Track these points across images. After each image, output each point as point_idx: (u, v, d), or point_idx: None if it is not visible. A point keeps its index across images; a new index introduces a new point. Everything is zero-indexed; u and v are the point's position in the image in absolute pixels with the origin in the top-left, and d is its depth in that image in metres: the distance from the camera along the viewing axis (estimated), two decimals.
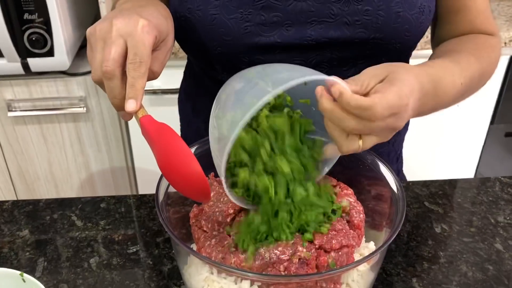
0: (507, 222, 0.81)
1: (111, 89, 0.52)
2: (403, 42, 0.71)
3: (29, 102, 1.49)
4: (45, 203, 0.84)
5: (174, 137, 0.53)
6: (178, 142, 0.53)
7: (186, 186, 0.54)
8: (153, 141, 0.53)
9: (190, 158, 0.53)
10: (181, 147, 0.52)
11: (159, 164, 0.53)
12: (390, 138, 0.87)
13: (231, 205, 0.62)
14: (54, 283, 0.69)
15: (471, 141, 1.73)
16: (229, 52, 0.71)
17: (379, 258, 0.59)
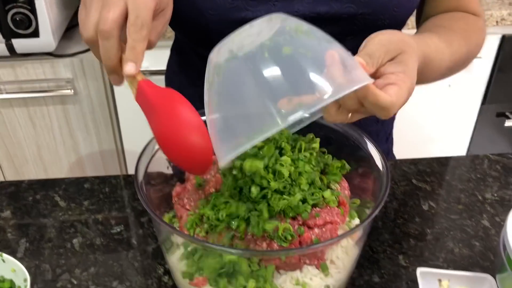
0: (495, 199, 0.80)
1: (106, 49, 0.50)
2: (392, 18, 0.70)
3: (15, 85, 1.46)
4: (28, 184, 0.83)
5: (182, 102, 0.50)
6: (187, 108, 0.50)
7: (187, 157, 0.51)
8: (154, 106, 0.50)
9: (202, 129, 0.49)
10: (190, 114, 0.50)
11: (158, 132, 0.50)
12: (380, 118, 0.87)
13: (212, 184, 0.61)
14: (36, 264, 0.68)
15: (462, 121, 1.72)
16: (215, 28, 0.69)
17: (363, 233, 0.58)
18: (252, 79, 0.45)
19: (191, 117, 0.50)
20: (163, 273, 0.67)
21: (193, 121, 0.50)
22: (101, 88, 1.50)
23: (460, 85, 1.63)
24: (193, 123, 0.50)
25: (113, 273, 0.67)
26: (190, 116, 0.50)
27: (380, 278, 0.67)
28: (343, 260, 0.58)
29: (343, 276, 0.58)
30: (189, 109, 0.51)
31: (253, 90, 0.45)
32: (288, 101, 0.43)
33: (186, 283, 0.56)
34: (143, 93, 0.51)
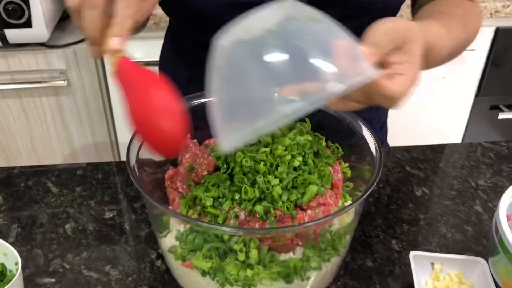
0: (488, 186, 0.81)
1: (90, 19, 0.49)
2: (385, 2, 0.70)
3: (8, 75, 1.45)
4: (20, 170, 0.82)
5: (163, 85, 0.49)
6: (168, 92, 0.49)
7: (156, 139, 0.50)
8: (133, 85, 0.49)
9: (175, 112, 0.49)
10: (170, 98, 0.49)
11: (132, 110, 0.50)
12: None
13: (205, 167, 0.60)
14: (28, 249, 0.68)
15: (456, 113, 1.73)
16: (209, 10, 0.69)
17: (355, 216, 0.58)
18: (257, 65, 0.45)
19: (165, 101, 0.49)
20: (156, 257, 0.67)
21: (166, 106, 0.49)
22: (95, 79, 1.49)
23: (454, 77, 1.63)
24: (166, 107, 0.49)
25: (105, 258, 0.67)
26: (164, 100, 0.49)
27: (373, 262, 0.67)
28: None
29: (336, 259, 0.58)
30: (165, 93, 0.50)
31: (258, 76, 0.45)
32: (293, 89, 0.43)
33: (179, 265, 0.56)
34: (123, 70, 0.50)
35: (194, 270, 0.55)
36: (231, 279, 0.52)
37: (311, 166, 0.57)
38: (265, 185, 0.54)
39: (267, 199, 0.54)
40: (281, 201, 0.54)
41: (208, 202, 0.54)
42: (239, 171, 0.56)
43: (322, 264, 0.56)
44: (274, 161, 0.56)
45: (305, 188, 0.55)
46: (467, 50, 1.64)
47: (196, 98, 0.68)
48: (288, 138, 0.58)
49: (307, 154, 0.58)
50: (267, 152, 0.57)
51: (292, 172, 0.55)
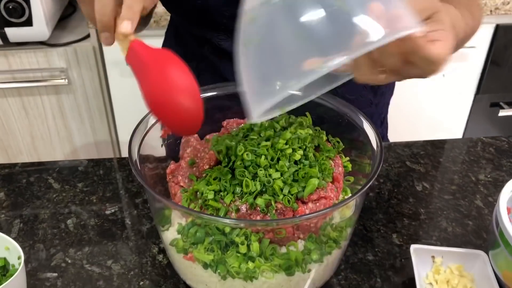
0: (488, 180, 0.81)
1: (102, 4, 0.49)
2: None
3: (8, 74, 1.46)
4: (21, 166, 0.82)
5: (176, 62, 0.49)
6: (181, 68, 0.49)
7: (175, 117, 0.50)
8: (148, 66, 0.49)
9: (193, 89, 0.48)
10: (186, 73, 0.48)
11: (148, 91, 0.49)
12: (374, 100, 0.87)
13: (206, 161, 0.61)
14: (30, 244, 0.68)
15: (456, 111, 1.73)
16: (209, 5, 0.69)
17: (356, 209, 0.58)
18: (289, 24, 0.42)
19: (182, 77, 0.49)
20: (158, 252, 0.67)
21: (184, 81, 0.49)
22: (95, 78, 1.49)
23: (454, 75, 1.64)
24: (184, 83, 0.49)
25: (107, 253, 0.67)
26: (181, 76, 0.49)
27: (374, 256, 0.67)
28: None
29: (336, 252, 0.58)
30: (181, 68, 0.49)
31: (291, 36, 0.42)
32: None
33: (181, 258, 0.56)
34: (135, 53, 0.50)
35: (196, 263, 0.55)
36: (232, 272, 0.52)
37: (312, 159, 0.58)
38: (266, 178, 0.54)
39: (268, 192, 0.54)
40: (282, 194, 0.54)
41: (209, 196, 0.55)
42: (240, 164, 0.56)
43: (323, 257, 0.56)
44: (275, 155, 0.56)
45: (306, 182, 0.55)
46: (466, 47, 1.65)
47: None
48: (289, 132, 0.58)
49: (308, 147, 0.59)
50: (268, 145, 0.57)
51: (293, 165, 0.56)
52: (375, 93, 0.83)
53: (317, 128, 0.66)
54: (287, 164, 0.55)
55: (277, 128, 0.61)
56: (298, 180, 0.56)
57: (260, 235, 0.53)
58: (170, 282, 0.63)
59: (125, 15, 0.49)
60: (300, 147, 0.58)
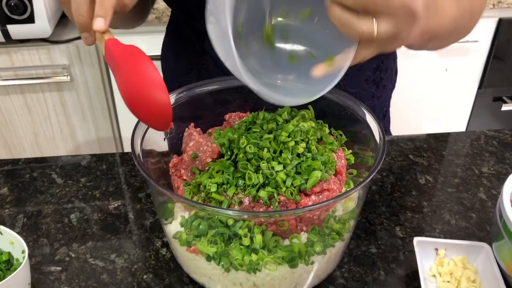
0: (491, 173, 0.81)
1: (77, 5, 0.50)
2: None
3: (11, 71, 1.46)
4: (25, 162, 0.82)
5: (143, 58, 0.50)
6: (148, 64, 0.50)
7: (149, 112, 0.52)
8: (119, 63, 0.50)
9: (159, 83, 0.50)
10: (150, 69, 0.50)
11: (122, 88, 0.51)
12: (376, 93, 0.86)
13: (209, 154, 0.61)
14: (34, 238, 0.68)
15: (459, 105, 1.72)
16: None
17: (359, 201, 0.58)
18: None
19: (151, 72, 0.50)
20: (161, 245, 0.67)
21: (153, 76, 0.50)
22: (98, 74, 1.49)
23: (456, 69, 1.63)
24: (153, 78, 0.50)
25: (111, 247, 0.67)
26: (150, 71, 0.50)
27: (377, 249, 0.67)
28: None
29: (340, 244, 0.58)
30: (149, 64, 0.50)
31: None
32: None
33: (184, 251, 0.56)
34: (109, 51, 0.51)
35: (199, 256, 0.55)
36: (236, 264, 0.52)
37: (314, 152, 0.58)
38: (269, 170, 0.54)
39: (271, 184, 0.54)
40: (285, 186, 0.54)
41: (212, 188, 0.55)
42: (242, 157, 0.56)
43: (326, 249, 0.56)
44: (278, 148, 0.56)
45: (308, 174, 0.55)
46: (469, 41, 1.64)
47: (198, 87, 0.69)
48: (291, 125, 0.58)
49: (310, 140, 0.59)
50: (271, 138, 0.57)
51: (295, 158, 0.56)
52: (377, 86, 0.83)
53: (320, 121, 0.66)
54: (289, 156, 0.55)
55: (280, 121, 0.61)
56: (301, 172, 0.56)
57: (263, 227, 0.53)
58: (173, 275, 0.63)
59: (97, 13, 0.49)
60: (303, 139, 0.58)
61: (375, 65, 0.80)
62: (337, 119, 0.67)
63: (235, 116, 0.68)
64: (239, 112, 0.69)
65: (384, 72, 0.83)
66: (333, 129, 0.66)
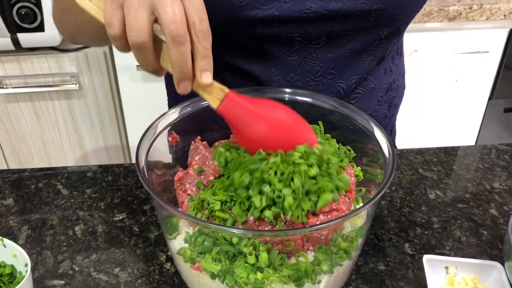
0: (503, 188, 0.79)
1: (183, 55, 0.46)
2: (404, 12, 0.69)
3: (20, 79, 1.47)
4: (31, 172, 0.82)
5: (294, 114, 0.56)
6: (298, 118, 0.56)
7: None
8: (258, 115, 0.53)
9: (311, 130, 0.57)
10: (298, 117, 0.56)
11: (259, 139, 0.54)
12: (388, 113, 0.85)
13: (211, 172, 0.59)
14: (38, 250, 0.68)
15: (469, 116, 1.70)
16: (223, 26, 0.67)
17: (367, 219, 0.57)
18: None
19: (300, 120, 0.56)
20: (165, 260, 0.66)
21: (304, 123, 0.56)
22: (106, 83, 1.50)
23: (467, 80, 1.61)
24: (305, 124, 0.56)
25: (115, 260, 0.66)
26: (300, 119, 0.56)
27: (386, 266, 0.66)
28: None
29: (347, 262, 0.57)
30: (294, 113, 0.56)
31: None
32: None
33: (188, 268, 0.56)
34: (239, 104, 0.52)
35: (203, 273, 0.54)
36: (240, 282, 0.51)
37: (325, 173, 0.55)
38: (275, 193, 0.52)
39: (278, 205, 0.52)
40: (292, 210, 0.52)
41: (216, 206, 0.53)
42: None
43: (333, 268, 0.55)
44: (286, 169, 0.53)
45: (318, 196, 0.53)
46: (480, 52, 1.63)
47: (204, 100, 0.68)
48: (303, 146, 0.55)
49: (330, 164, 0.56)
50: (278, 161, 0.53)
51: (308, 180, 0.53)
52: (389, 106, 0.82)
53: (328, 135, 0.65)
54: (301, 181, 0.52)
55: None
56: (309, 192, 0.53)
57: (269, 246, 0.52)
58: None
59: (203, 67, 0.48)
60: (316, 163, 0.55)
61: (387, 85, 0.79)
62: (345, 134, 0.66)
63: None
64: None
65: (396, 91, 0.82)
66: (341, 145, 0.65)
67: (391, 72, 0.80)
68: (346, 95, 0.75)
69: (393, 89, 0.81)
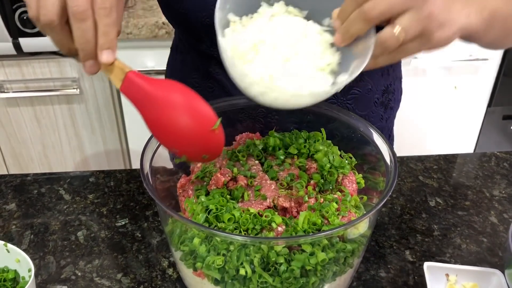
0: (503, 196, 0.80)
1: (83, 32, 0.45)
2: None
3: (21, 83, 1.47)
4: (33, 177, 0.82)
5: (193, 94, 0.50)
6: (201, 100, 0.50)
7: (200, 147, 0.52)
8: (156, 97, 0.49)
9: (213, 118, 0.51)
10: (203, 106, 0.50)
11: (157, 123, 0.50)
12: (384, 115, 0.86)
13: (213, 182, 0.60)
14: (41, 255, 0.68)
15: (468, 123, 1.71)
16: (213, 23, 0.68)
17: (368, 228, 0.57)
18: None
19: (204, 107, 0.50)
20: (168, 265, 0.67)
21: (208, 112, 0.51)
22: (107, 88, 1.50)
23: (466, 87, 1.62)
24: (209, 114, 0.51)
25: (117, 266, 0.67)
26: (203, 106, 0.50)
27: (387, 273, 0.66)
28: None
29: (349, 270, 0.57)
30: (199, 100, 0.51)
31: None
32: None
33: (190, 274, 0.56)
34: (135, 84, 0.49)
35: (206, 279, 0.55)
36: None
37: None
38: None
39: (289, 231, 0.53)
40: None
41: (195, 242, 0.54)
42: None
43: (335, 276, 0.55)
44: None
45: None
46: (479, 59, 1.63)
47: None
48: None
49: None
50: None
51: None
52: (385, 108, 0.83)
53: (329, 141, 0.66)
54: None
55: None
56: None
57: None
58: None
59: (103, 45, 0.46)
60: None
61: (384, 88, 0.80)
62: (346, 141, 0.66)
63: (245, 137, 0.68)
64: (248, 132, 0.68)
65: (392, 94, 0.83)
66: (342, 152, 0.66)
67: (388, 75, 0.81)
68: (343, 95, 0.75)
69: (390, 91, 0.82)
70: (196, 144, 0.52)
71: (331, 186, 0.61)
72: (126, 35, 1.35)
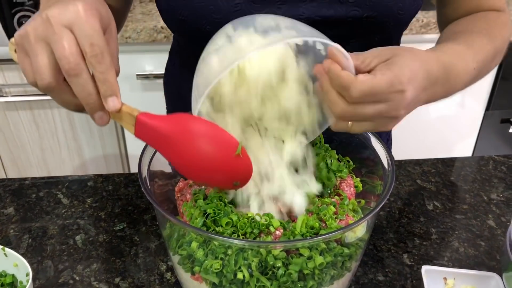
0: (500, 200, 0.80)
1: (82, 86, 0.44)
2: (396, 20, 0.70)
3: (20, 87, 1.47)
4: (31, 181, 0.82)
5: (202, 121, 0.50)
6: (214, 125, 0.50)
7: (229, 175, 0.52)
8: (169, 134, 0.48)
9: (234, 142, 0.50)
10: (219, 129, 0.49)
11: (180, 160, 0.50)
12: None
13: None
14: (38, 260, 0.68)
15: (466, 127, 1.72)
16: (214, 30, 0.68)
17: (366, 231, 0.57)
18: None
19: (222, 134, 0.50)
20: (166, 269, 0.67)
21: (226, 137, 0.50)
22: None
23: (464, 91, 1.63)
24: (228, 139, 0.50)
25: (115, 270, 0.67)
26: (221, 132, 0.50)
27: (385, 277, 0.66)
28: None
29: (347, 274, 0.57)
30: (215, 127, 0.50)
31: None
32: None
33: (188, 278, 0.56)
34: (149, 127, 0.48)
35: (204, 283, 0.55)
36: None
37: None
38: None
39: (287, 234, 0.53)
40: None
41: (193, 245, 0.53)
42: None
43: (333, 280, 0.55)
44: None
45: None
46: None
47: None
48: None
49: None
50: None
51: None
52: None
53: (326, 145, 0.66)
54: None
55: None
56: None
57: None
58: None
59: (105, 92, 0.45)
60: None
61: None
62: (344, 146, 0.66)
63: None
64: None
65: None
66: (340, 156, 0.66)
67: None
68: None
69: None
70: (224, 172, 0.52)
71: (329, 190, 0.61)
72: (124, 39, 1.35)
